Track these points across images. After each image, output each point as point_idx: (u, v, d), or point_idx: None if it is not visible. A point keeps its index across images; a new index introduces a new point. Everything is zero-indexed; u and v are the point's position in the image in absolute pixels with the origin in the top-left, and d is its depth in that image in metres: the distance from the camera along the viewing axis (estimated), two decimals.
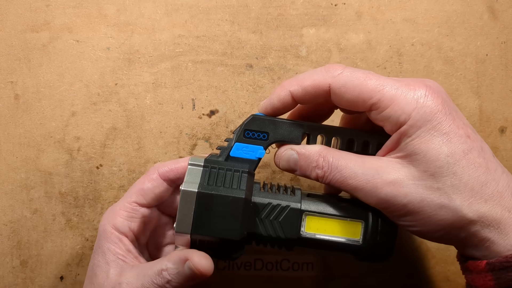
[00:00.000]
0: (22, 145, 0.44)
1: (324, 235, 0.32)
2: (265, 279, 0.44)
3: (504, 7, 0.45)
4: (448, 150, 0.28)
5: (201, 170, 0.32)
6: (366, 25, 0.45)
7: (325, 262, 0.44)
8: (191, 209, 0.30)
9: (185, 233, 0.30)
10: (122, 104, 0.44)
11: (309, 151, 0.32)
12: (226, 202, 0.30)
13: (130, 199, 0.34)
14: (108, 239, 0.33)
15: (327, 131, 0.33)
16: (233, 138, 0.33)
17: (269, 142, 0.33)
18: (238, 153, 0.33)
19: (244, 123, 0.33)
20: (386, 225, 0.31)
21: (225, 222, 0.30)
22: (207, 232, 0.30)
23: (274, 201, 0.32)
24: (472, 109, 0.45)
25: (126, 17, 0.45)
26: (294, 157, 0.32)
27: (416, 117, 0.28)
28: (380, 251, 0.32)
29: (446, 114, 0.28)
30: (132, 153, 0.44)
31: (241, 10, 0.45)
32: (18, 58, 0.44)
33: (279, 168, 0.34)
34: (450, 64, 0.45)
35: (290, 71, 0.45)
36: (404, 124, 0.29)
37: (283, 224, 0.32)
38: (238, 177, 0.31)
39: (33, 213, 0.44)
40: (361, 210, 0.32)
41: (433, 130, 0.28)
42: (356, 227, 0.32)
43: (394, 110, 0.29)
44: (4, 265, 0.44)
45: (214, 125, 0.45)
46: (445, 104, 0.29)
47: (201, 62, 0.45)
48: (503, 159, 0.45)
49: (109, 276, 0.32)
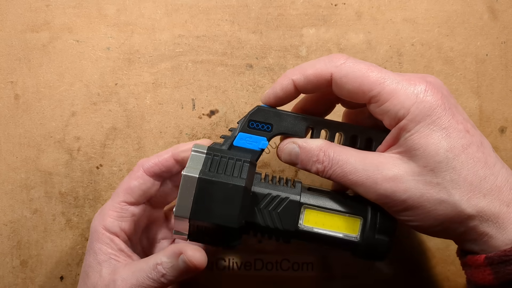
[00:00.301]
0: (22, 145, 0.44)
1: (322, 229, 0.32)
2: (265, 279, 0.44)
3: (504, 7, 0.45)
4: (447, 145, 0.28)
5: (203, 157, 0.32)
6: (366, 25, 0.45)
7: (325, 262, 0.44)
8: (191, 194, 0.30)
9: (184, 217, 0.30)
10: (122, 104, 0.44)
11: (311, 145, 0.32)
12: (226, 189, 0.30)
13: (118, 198, 0.35)
14: (99, 239, 0.33)
15: (331, 126, 0.34)
16: (237, 127, 0.33)
17: (272, 133, 0.33)
18: (242, 143, 0.33)
19: (249, 113, 0.33)
20: (385, 223, 0.31)
21: (224, 209, 0.30)
22: (206, 218, 0.30)
23: (274, 192, 0.32)
24: (472, 109, 0.45)
25: (126, 17, 0.45)
26: (296, 151, 0.32)
27: (415, 111, 0.28)
28: (377, 249, 0.32)
29: (445, 109, 0.29)
30: (132, 153, 0.44)
31: (241, 10, 0.45)
32: (18, 58, 0.44)
33: (280, 160, 0.34)
34: (450, 64, 0.45)
35: None
36: (403, 119, 0.29)
37: (282, 215, 0.32)
38: (239, 166, 0.32)
39: (33, 213, 0.44)
40: (361, 207, 0.32)
41: (432, 125, 0.28)
42: (354, 223, 0.32)
43: (394, 104, 0.29)
44: (4, 265, 0.44)
45: (214, 125, 0.45)
46: (444, 99, 0.29)
47: (201, 62, 0.45)
48: (503, 159, 0.44)
49: (102, 276, 0.32)
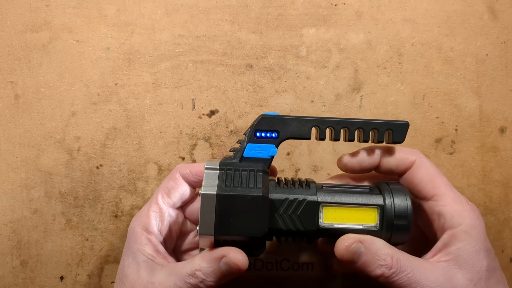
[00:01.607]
0: (22, 145, 0.44)
1: (341, 224, 0.33)
2: (265, 279, 0.44)
3: (504, 7, 0.45)
4: (487, 265, 0.31)
5: (217, 173, 0.33)
6: (366, 25, 0.45)
7: (325, 262, 0.44)
8: (212, 211, 0.31)
9: (208, 235, 0.31)
10: (122, 104, 0.44)
11: (377, 246, 0.32)
12: (245, 201, 0.31)
13: (156, 199, 0.35)
14: (138, 240, 0.34)
15: (336, 123, 0.34)
16: (245, 139, 0.34)
17: (280, 139, 0.34)
18: (251, 153, 0.34)
19: (254, 123, 0.34)
20: (401, 208, 0.33)
21: (246, 221, 0.31)
22: (230, 232, 0.31)
23: (291, 196, 0.33)
24: (472, 109, 0.45)
25: (126, 17, 0.44)
26: (361, 251, 0.32)
27: (471, 224, 0.32)
28: (398, 233, 0.33)
29: (486, 235, 0.33)
30: (132, 153, 0.44)
31: (241, 10, 0.45)
32: (18, 58, 0.44)
33: (337, 256, 0.33)
34: (450, 64, 0.45)
35: (290, 71, 0.45)
36: (456, 227, 0.32)
37: (302, 217, 0.32)
38: (254, 176, 0.32)
39: (33, 213, 0.44)
40: (375, 197, 0.33)
41: (481, 243, 0.31)
42: (372, 213, 0.33)
43: (453, 210, 0.32)
44: (4, 265, 0.44)
45: (214, 125, 0.45)
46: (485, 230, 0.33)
47: (201, 62, 0.45)
48: (503, 159, 0.45)
49: (140, 277, 0.32)
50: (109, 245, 0.44)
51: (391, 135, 0.34)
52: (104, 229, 0.44)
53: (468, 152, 0.45)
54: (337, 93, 0.45)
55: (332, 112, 0.45)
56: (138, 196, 0.44)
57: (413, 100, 0.45)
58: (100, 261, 0.44)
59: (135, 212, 0.44)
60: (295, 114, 0.45)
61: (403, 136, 0.34)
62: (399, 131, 0.34)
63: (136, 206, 0.44)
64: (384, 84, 0.45)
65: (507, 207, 0.45)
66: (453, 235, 0.32)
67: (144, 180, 0.44)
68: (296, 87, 0.45)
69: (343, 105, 0.45)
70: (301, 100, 0.45)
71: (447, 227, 0.32)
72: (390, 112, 0.45)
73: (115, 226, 0.44)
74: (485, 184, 0.45)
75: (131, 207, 0.44)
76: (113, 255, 0.44)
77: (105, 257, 0.44)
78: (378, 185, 0.34)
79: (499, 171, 0.45)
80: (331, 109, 0.45)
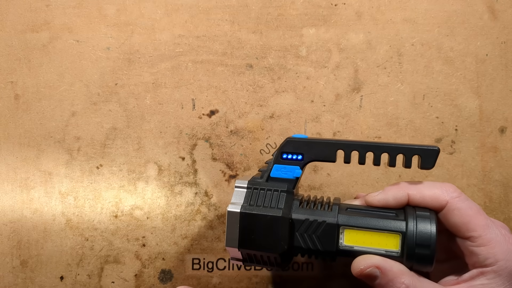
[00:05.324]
0: (22, 145, 0.44)
1: (362, 247, 0.33)
2: (265, 279, 0.44)
3: (504, 7, 0.45)
4: None
5: (245, 192, 0.35)
6: (366, 25, 0.45)
7: (325, 262, 0.44)
8: (237, 227, 0.34)
9: (234, 247, 0.34)
10: (122, 104, 0.44)
11: (394, 274, 0.32)
12: (265, 220, 0.33)
13: None
14: None
15: (361, 147, 0.34)
16: (272, 160, 0.36)
17: (304, 162, 0.35)
18: (277, 173, 0.36)
19: (280, 146, 0.36)
20: (424, 237, 0.32)
21: (266, 238, 0.33)
22: (251, 247, 0.34)
23: (311, 217, 0.34)
24: (472, 109, 0.45)
25: (126, 17, 0.44)
26: (376, 275, 0.33)
27: (502, 266, 0.32)
28: (420, 262, 0.32)
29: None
30: (132, 153, 0.44)
31: (241, 10, 0.45)
32: (18, 58, 0.44)
33: (352, 273, 0.34)
34: (450, 64, 0.45)
35: (290, 71, 0.45)
36: (488, 267, 0.32)
37: (321, 238, 0.33)
38: (277, 196, 0.34)
39: (33, 213, 0.44)
40: (399, 222, 0.33)
41: (508, 283, 0.32)
42: (394, 239, 0.33)
43: (488, 252, 0.32)
44: (4, 265, 0.44)
45: (214, 125, 0.45)
46: None
47: (201, 62, 0.45)
48: (503, 159, 0.45)
49: None
50: (109, 245, 0.44)
51: (420, 161, 0.33)
52: (104, 229, 0.44)
53: (468, 152, 0.45)
54: (337, 93, 0.45)
55: (332, 112, 0.45)
56: (138, 196, 0.44)
57: (413, 100, 0.45)
58: (100, 261, 0.44)
59: (135, 212, 0.44)
60: (295, 114, 0.45)
61: (432, 162, 0.33)
62: (428, 156, 0.33)
63: (136, 206, 0.44)
64: (384, 84, 0.45)
65: (507, 207, 0.45)
66: (482, 272, 0.32)
67: (144, 180, 0.44)
68: (296, 87, 0.45)
69: (343, 105, 0.45)
70: (301, 100, 0.45)
71: (478, 265, 0.32)
72: (390, 112, 0.45)
73: (115, 226, 0.44)
74: (485, 184, 0.45)
75: (131, 207, 0.44)
76: (113, 255, 0.44)
77: (105, 257, 0.44)
78: (406, 209, 0.34)
79: (499, 171, 0.45)
80: (331, 109, 0.45)
